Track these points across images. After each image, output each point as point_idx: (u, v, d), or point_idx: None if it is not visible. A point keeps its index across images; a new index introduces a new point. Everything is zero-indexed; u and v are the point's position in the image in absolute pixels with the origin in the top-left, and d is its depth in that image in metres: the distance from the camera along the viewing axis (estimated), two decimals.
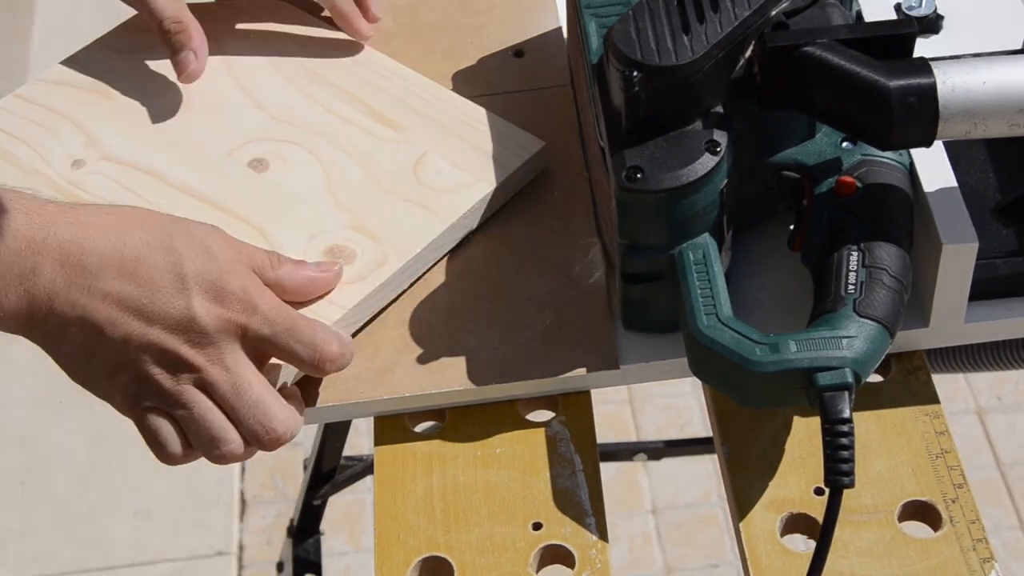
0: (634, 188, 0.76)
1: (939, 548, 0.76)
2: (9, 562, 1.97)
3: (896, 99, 0.73)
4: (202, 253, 0.74)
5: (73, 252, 0.71)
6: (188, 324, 0.72)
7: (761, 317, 0.82)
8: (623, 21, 0.77)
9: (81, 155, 0.92)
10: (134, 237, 0.73)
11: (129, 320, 0.72)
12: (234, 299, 0.74)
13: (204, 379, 0.74)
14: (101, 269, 0.72)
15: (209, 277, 0.73)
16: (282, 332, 0.75)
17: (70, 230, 0.72)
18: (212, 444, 0.75)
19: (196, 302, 0.73)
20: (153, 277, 0.72)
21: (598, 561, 0.77)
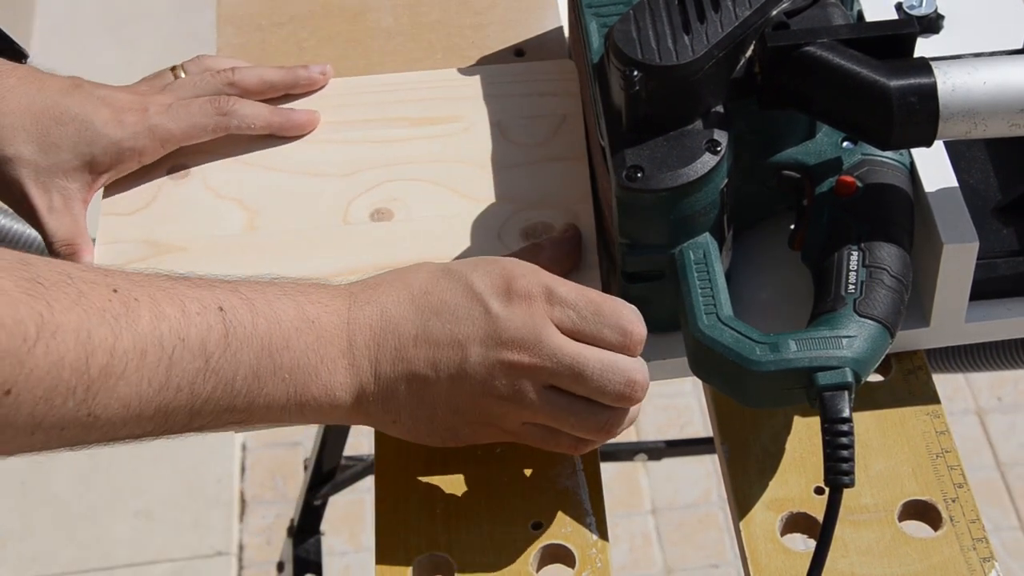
0: (634, 187, 0.76)
1: (939, 547, 0.76)
2: (9, 562, 1.97)
3: (896, 99, 0.73)
4: (480, 264, 0.73)
5: (375, 312, 0.72)
6: (496, 329, 0.71)
7: (761, 316, 0.82)
8: (624, 20, 0.77)
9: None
10: (418, 277, 0.73)
11: (446, 355, 0.71)
12: (530, 289, 0.72)
13: (542, 374, 0.71)
14: (402, 317, 0.72)
15: (495, 280, 0.72)
16: (589, 316, 0.72)
17: (366, 294, 0.72)
18: (598, 429, 0.73)
19: (494, 306, 0.71)
20: (446, 301, 0.72)
21: (598, 560, 0.77)
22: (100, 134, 0.87)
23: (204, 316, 0.67)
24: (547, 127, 0.92)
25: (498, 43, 1.01)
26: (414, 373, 0.72)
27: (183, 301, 0.66)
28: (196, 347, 0.66)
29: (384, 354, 0.71)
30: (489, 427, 0.74)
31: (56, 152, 0.87)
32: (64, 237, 0.87)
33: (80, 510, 2.03)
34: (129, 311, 0.64)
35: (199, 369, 0.66)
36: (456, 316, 0.71)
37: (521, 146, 0.91)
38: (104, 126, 0.87)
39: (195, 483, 2.05)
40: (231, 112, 0.90)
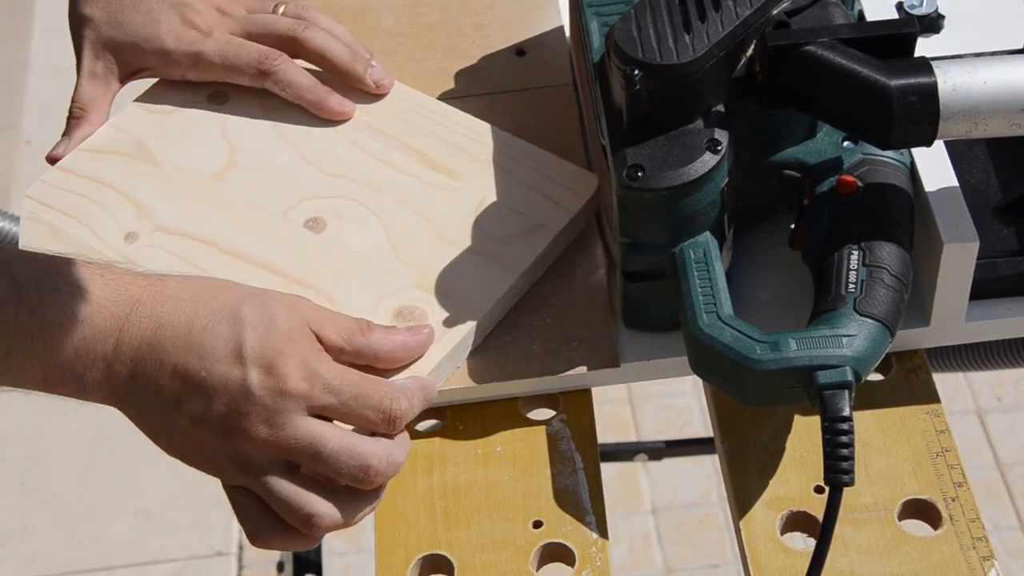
0: (635, 186, 0.76)
1: (939, 546, 0.76)
2: (9, 562, 1.97)
3: (897, 98, 0.73)
4: (263, 323, 0.72)
5: (151, 327, 0.72)
6: (246, 397, 0.71)
7: (761, 315, 0.82)
8: (625, 20, 0.77)
9: (133, 227, 0.88)
10: (207, 307, 0.72)
11: (193, 398, 0.71)
12: (292, 369, 0.71)
13: (276, 452, 0.72)
14: (171, 343, 0.71)
15: (266, 347, 0.71)
16: (349, 399, 0.73)
17: (150, 306, 0.72)
18: (301, 521, 0.72)
19: (252, 374, 0.71)
20: (215, 347, 0.71)
21: (598, 559, 0.77)
22: (158, 38, 0.93)
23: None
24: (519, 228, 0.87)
25: (499, 43, 1.01)
26: (162, 399, 0.72)
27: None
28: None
29: (141, 373, 0.72)
30: (217, 472, 0.74)
31: (119, 30, 0.93)
32: (83, 101, 0.94)
33: (80, 510, 2.03)
34: None
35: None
36: (214, 368, 0.71)
37: (481, 232, 0.87)
38: (165, 32, 0.93)
39: (195, 483, 2.04)
40: (272, 72, 0.93)
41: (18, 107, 2.59)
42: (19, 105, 2.59)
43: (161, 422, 0.73)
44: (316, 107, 0.93)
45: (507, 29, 1.02)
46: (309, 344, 0.73)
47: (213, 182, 0.91)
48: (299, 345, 0.72)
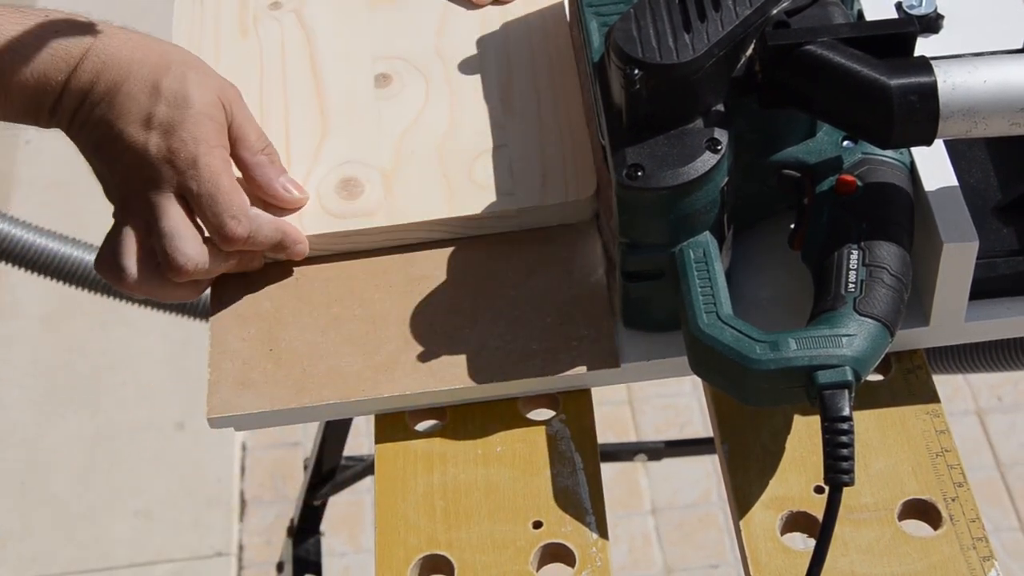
0: (635, 186, 0.76)
1: (939, 546, 0.76)
2: (9, 562, 1.97)
3: (897, 98, 0.73)
4: (176, 99, 0.82)
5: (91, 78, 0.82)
6: (143, 157, 0.82)
7: (761, 315, 0.82)
8: (624, 19, 0.77)
9: (285, 0, 1.00)
10: (138, 74, 0.83)
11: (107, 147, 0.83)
12: (182, 145, 0.82)
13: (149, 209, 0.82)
14: (103, 97, 0.83)
15: (170, 121, 0.82)
16: (204, 194, 0.82)
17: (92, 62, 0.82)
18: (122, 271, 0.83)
19: (152, 139, 0.82)
20: (130, 112, 0.82)
21: (598, 559, 0.77)
22: None
23: None
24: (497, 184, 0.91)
25: None
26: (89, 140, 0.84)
27: None
28: None
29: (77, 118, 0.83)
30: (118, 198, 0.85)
31: None
32: None
33: (80, 510, 2.03)
34: None
35: None
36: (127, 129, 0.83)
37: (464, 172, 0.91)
38: None
39: (195, 483, 2.06)
40: None
41: None
42: None
43: (89, 159, 0.85)
44: None
45: None
46: (212, 128, 0.83)
47: (366, 8, 1.00)
48: (200, 127, 0.83)
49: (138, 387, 2.18)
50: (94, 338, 2.24)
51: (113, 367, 2.21)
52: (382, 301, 0.87)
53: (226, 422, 0.83)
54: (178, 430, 2.12)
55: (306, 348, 0.85)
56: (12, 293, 2.31)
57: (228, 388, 0.84)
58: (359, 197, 0.89)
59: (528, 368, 0.83)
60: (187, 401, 2.14)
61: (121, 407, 2.15)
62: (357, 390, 0.83)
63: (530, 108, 0.94)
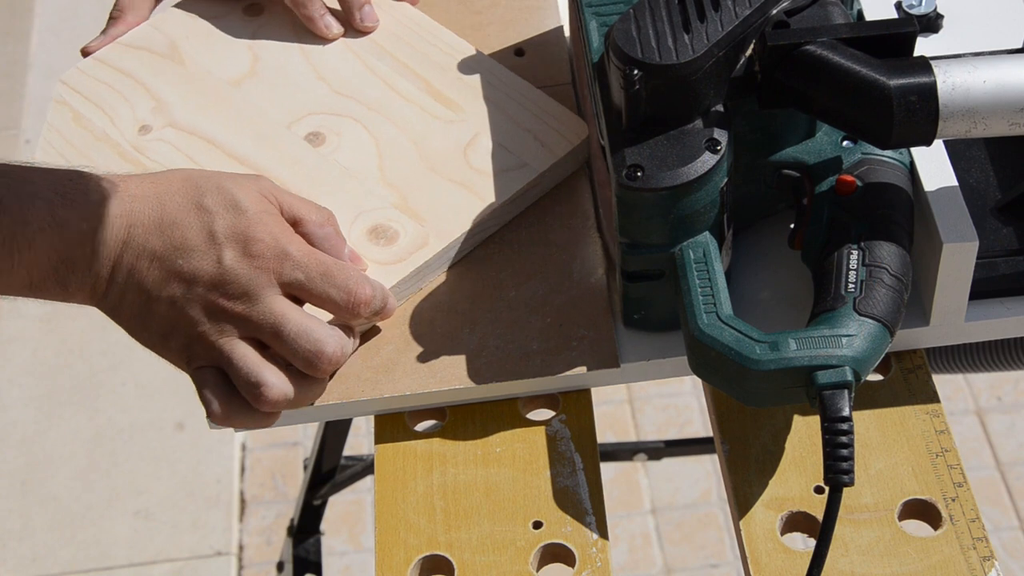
0: (634, 186, 0.76)
1: (939, 547, 0.76)
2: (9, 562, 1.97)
3: (896, 98, 0.73)
4: (231, 209, 0.78)
5: (122, 231, 0.76)
6: (222, 277, 0.77)
7: (761, 316, 0.82)
8: (624, 19, 0.77)
9: (148, 120, 0.95)
10: (173, 202, 0.78)
11: (172, 283, 0.77)
12: (263, 248, 0.77)
13: (248, 326, 0.77)
14: (145, 238, 0.77)
15: (237, 230, 0.77)
16: (316, 276, 0.78)
17: (121, 205, 0.77)
18: (251, 388, 0.77)
19: (227, 256, 0.77)
20: (187, 239, 0.77)
21: (598, 559, 0.77)
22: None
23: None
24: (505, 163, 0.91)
25: (498, 43, 1.01)
26: (142, 286, 0.77)
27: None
28: None
29: (121, 266, 0.77)
30: (183, 359, 0.79)
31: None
32: (122, 4, 1.00)
33: (80, 510, 2.03)
34: None
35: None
36: (191, 257, 0.77)
37: (466, 164, 0.91)
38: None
39: (195, 483, 2.05)
40: None
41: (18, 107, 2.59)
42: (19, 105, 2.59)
43: (140, 309, 0.78)
44: (307, 22, 0.99)
45: (507, 29, 1.02)
46: (277, 221, 0.79)
47: (231, 87, 0.97)
48: (267, 223, 0.78)
49: (138, 387, 2.18)
50: (94, 338, 2.24)
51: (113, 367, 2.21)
52: None
53: None
54: (178, 430, 2.12)
55: None
56: None
57: None
58: (398, 238, 0.87)
59: (528, 368, 0.83)
60: (187, 401, 2.14)
61: (121, 407, 2.15)
62: (357, 391, 0.83)
63: (468, 96, 0.95)
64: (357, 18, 0.99)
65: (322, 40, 0.99)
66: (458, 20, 1.03)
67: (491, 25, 1.03)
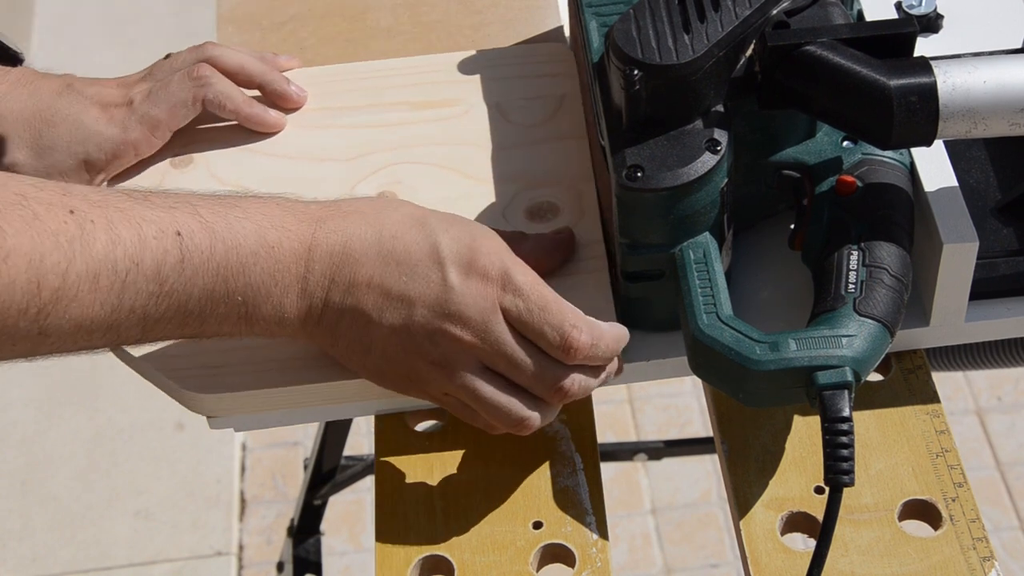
0: (635, 187, 0.76)
1: (939, 547, 0.76)
2: (9, 562, 1.97)
3: (897, 98, 0.73)
4: (455, 225, 0.74)
5: (339, 243, 0.72)
6: (446, 301, 0.72)
7: (761, 316, 0.82)
8: (624, 20, 0.77)
9: None
10: (391, 218, 0.73)
11: (393, 306, 0.72)
12: (489, 269, 0.73)
13: (481, 355, 0.73)
14: (363, 254, 0.72)
15: (462, 247, 0.73)
16: (535, 309, 0.73)
17: (334, 222, 0.72)
18: (512, 424, 0.75)
19: (451, 274, 0.72)
20: (410, 252, 0.72)
21: (598, 560, 0.77)
22: (92, 131, 0.89)
23: (161, 241, 0.67)
24: (546, 107, 0.93)
25: (498, 42, 1.01)
26: (360, 311, 0.72)
27: (140, 224, 0.67)
28: (151, 272, 0.67)
29: (337, 286, 0.72)
30: (413, 385, 0.75)
31: (51, 154, 0.88)
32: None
33: (80, 510, 2.03)
34: (84, 234, 0.65)
35: (152, 293, 0.67)
36: (414, 272, 0.72)
37: (521, 127, 0.92)
38: (94, 123, 0.89)
39: (195, 483, 2.05)
40: (207, 83, 0.90)
41: None
42: None
43: (358, 337, 0.73)
44: (254, 119, 0.93)
45: (506, 29, 1.02)
46: (501, 246, 0.74)
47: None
48: (493, 243, 0.74)
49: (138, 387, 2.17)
50: None
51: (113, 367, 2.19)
52: None
53: (226, 423, 0.83)
54: (178, 430, 2.12)
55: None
56: None
57: None
58: (559, 212, 0.87)
59: None
60: None
61: (121, 407, 2.15)
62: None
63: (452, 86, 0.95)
64: (293, 93, 0.94)
65: (273, 137, 0.93)
66: (458, 20, 1.03)
67: (491, 25, 1.03)
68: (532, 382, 0.74)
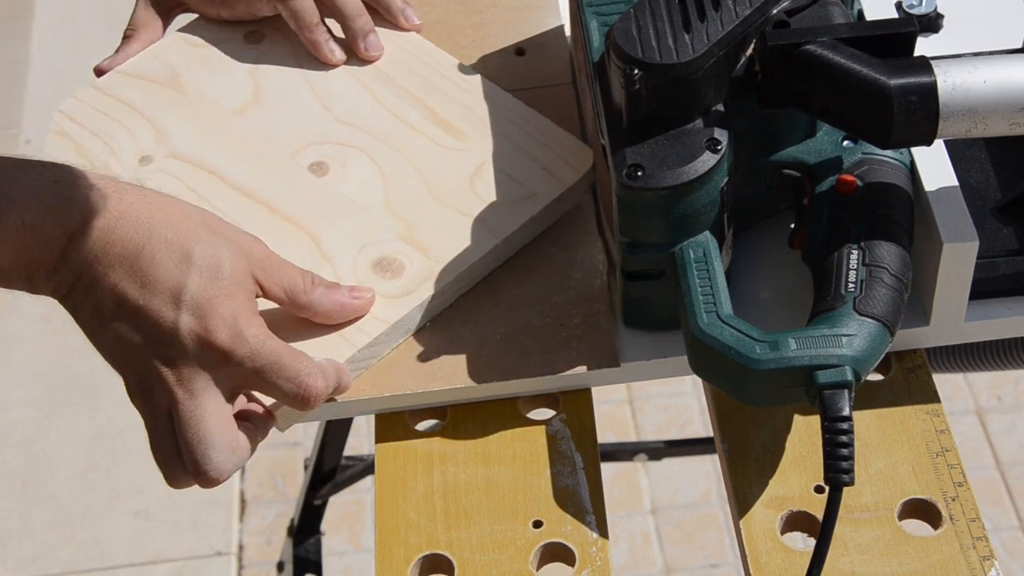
0: (635, 186, 0.76)
1: (939, 546, 0.76)
2: (9, 562, 1.97)
3: (897, 98, 0.73)
4: (210, 269, 0.74)
5: (101, 242, 0.73)
6: (171, 338, 0.73)
7: (761, 315, 0.82)
8: (624, 19, 0.77)
9: (150, 151, 0.93)
10: (161, 236, 0.74)
11: (123, 318, 0.74)
12: (222, 324, 0.74)
13: (172, 397, 0.74)
14: (119, 261, 0.74)
15: (204, 296, 0.74)
16: (266, 366, 0.75)
17: (106, 220, 0.74)
18: (162, 466, 0.76)
19: (183, 319, 0.73)
20: (157, 280, 0.73)
21: (598, 559, 0.77)
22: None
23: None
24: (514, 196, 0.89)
25: (499, 42, 1.01)
26: (97, 310, 0.74)
27: None
28: None
29: (82, 282, 0.74)
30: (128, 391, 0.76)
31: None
32: (136, 23, 1.01)
33: (80, 510, 2.03)
34: None
35: None
36: (152, 301, 0.74)
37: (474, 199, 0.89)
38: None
39: None
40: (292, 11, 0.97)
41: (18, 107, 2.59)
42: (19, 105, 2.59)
43: (93, 328, 0.76)
44: (311, 47, 0.98)
45: (507, 29, 1.02)
46: (245, 299, 0.76)
47: (234, 116, 0.95)
48: (235, 301, 0.75)
49: None
50: None
51: None
52: None
53: None
54: None
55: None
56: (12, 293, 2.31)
57: None
58: (404, 270, 0.85)
59: (528, 367, 0.83)
60: None
61: (121, 407, 2.14)
62: (357, 390, 0.83)
63: (474, 124, 0.93)
64: (361, 47, 0.98)
65: (326, 67, 0.97)
66: (458, 20, 1.03)
67: (491, 25, 1.03)
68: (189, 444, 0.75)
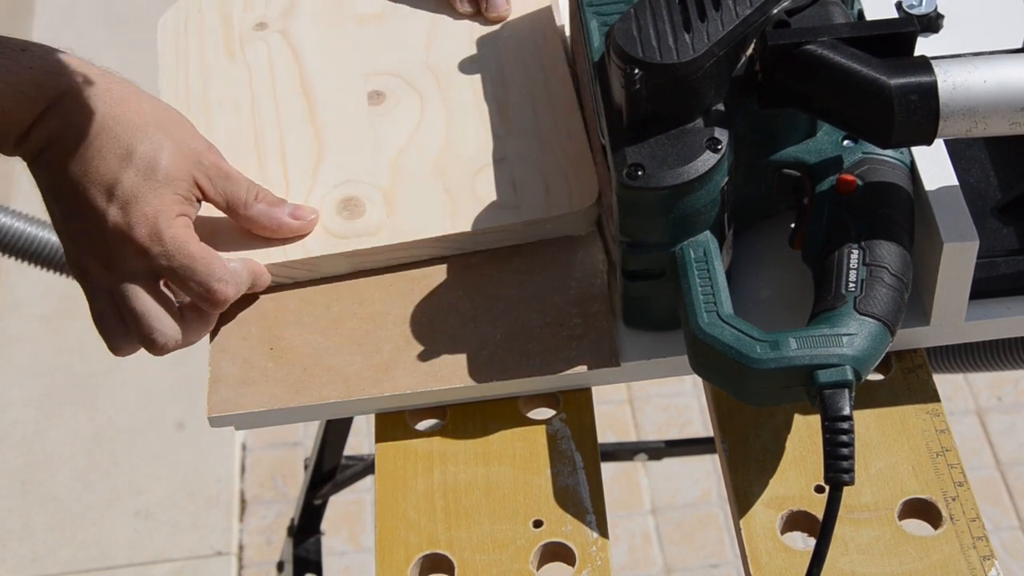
0: (635, 185, 0.76)
1: (939, 546, 0.76)
2: (9, 562, 1.97)
3: (897, 97, 0.73)
4: (146, 168, 0.80)
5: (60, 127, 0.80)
6: (100, 227, 0.80)
7: (762, 315, 0.82)
8: (625, 19, 0.77)
9: (271, 20, 1.00)
10: (112, 131, 0.80)
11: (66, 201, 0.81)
12: (143, 221, 0.80)
13: (106, 278, 0.81)
14: (73, 147, 0.80)
15: (133, 193, 0.80)
16: (178, 267, 0.81)
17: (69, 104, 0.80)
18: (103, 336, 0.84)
19: (111, 211, 0.80)
20: (98, 172, 0.80)
21: (598, 558, 0.77)
22: None
23: None
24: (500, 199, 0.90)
25: None
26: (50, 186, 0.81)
27: None
28: None
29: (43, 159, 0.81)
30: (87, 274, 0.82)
31: None
32: None
33: (80, 510, 2.03)
34: None
35: None
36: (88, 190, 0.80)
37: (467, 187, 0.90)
38: None
39: (195, 483, 2.05)
40: None
41: None
42: None
43: (47, 200, 0.82)
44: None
45: None
46: (173, 200, 0.81)
47: (353, 23, 1.00)
48: (161, 200, 0.80)
49: (138, 387, 2.18)
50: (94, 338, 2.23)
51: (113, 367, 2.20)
52: (382, 301, 0.87)
53: (226, 421, 0.83)
54: (178, 430, 2.12)
55: (306, 347, 0.85)
56: (12, 293, 2.31)
57: (229, 387, 0.84)
58: (361, 217, 0.88)
59: (528, 367, 0.83)
60: (187, 401, 2.14)
61: (121, 407, 2.15)
62: (357, 389, 0.83)
63: (527, 120, 0.93)
64: (484, 5, 1.00)
65: (454, 13, 1.00)
66: (458, 19, 1.03)
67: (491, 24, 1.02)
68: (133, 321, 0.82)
